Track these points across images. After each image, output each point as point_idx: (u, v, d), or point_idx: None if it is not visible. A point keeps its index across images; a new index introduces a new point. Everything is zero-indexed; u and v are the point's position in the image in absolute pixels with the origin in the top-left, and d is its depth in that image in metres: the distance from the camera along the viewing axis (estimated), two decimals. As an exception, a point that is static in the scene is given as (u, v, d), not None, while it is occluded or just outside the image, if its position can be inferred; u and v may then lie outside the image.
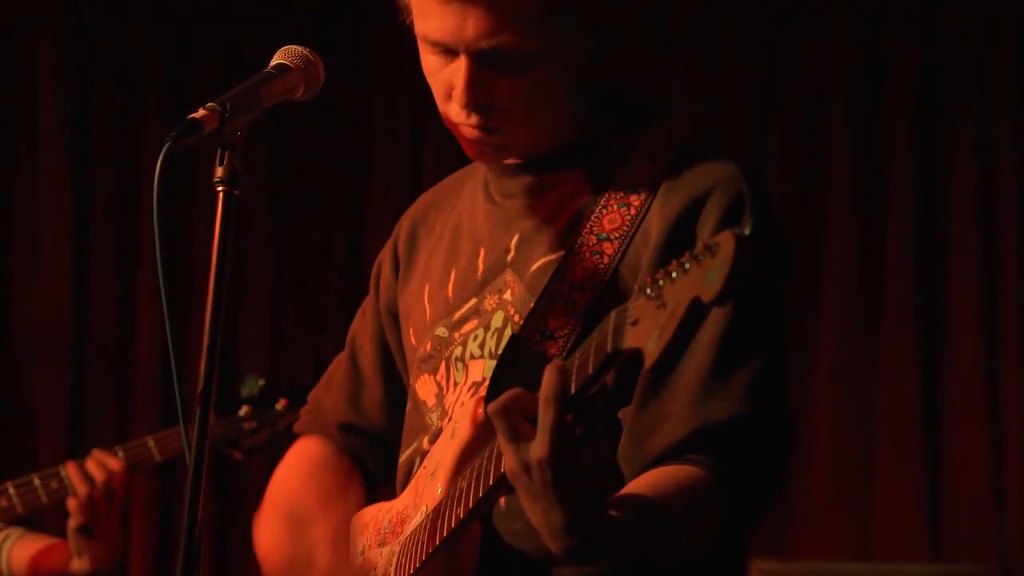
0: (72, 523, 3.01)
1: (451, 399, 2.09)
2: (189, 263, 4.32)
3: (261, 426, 3.20)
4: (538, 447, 1.68)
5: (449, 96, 2.01)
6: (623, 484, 1.89)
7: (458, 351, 2.09)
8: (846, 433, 4.46)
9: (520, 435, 1.70)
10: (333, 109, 4.49)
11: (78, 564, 3.00)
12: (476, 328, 2.08)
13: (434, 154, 4.37)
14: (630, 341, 1.63)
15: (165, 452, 3.16)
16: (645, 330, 1.61)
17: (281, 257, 4.57)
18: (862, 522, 4.44)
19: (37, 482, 3.01)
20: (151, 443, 3.13)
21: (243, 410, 3.20)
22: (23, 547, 3.04)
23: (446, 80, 2.00)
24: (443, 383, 2.11)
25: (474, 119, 2.01)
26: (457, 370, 2.09)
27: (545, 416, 1.68)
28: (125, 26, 4.47)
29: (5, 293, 4.33)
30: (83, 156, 4.43)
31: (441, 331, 2.13)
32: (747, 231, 1.55)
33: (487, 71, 1.97)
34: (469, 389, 2.06)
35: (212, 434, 3.11)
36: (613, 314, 1.68)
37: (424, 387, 2.14)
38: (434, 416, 2.12)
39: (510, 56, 1.96)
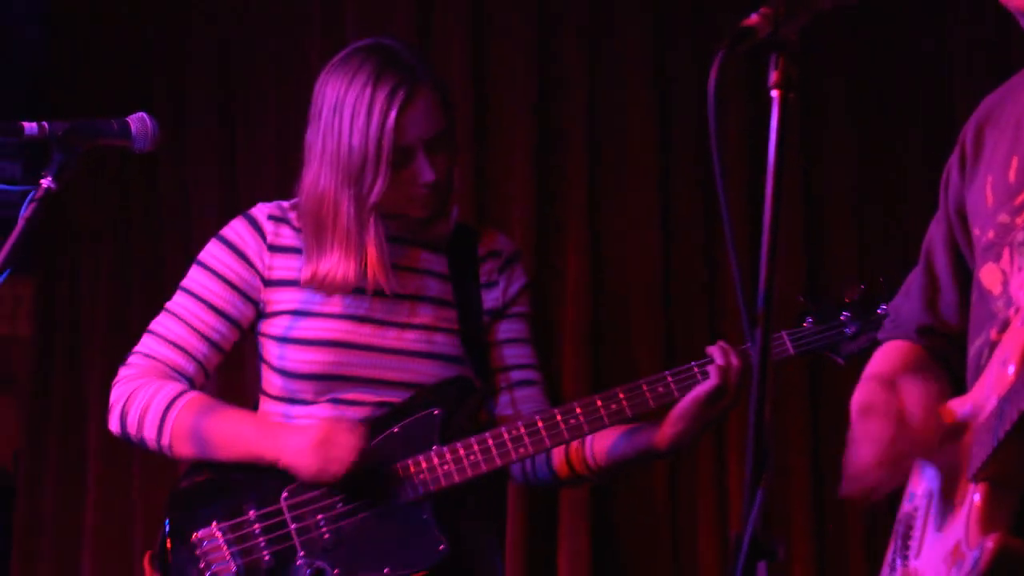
0: (706, 387, 3.04)
1: (1016, 284, 2.08)
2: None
3: (861, 331, 3.19)
4: None
5: None
6: None
7: (1021, 236, 2.07)
8: None
9: None
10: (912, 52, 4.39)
11: (671, 432, 3.07)
12: None
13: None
14: None
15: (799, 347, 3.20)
16: None
17: (862, 166, 4.50)
18: None
19: (696, 369, 3.13)
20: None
21: (843, 315, 3.22)
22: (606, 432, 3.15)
23: None
24: (1007, 269, 2.09)
25: None
26: (1021, 255, 2.07)
27: None
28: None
29: (597, 243, 4.47)
30: (667, 95, 4.48)
31: (1003, 217, 2.11)
32: None
33: None
34: None
35: (814, 341, 3.18)
36: None
37: (989, 275, 2.13)
38: (1000, 304, 2.10)
39: None
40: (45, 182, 2.69)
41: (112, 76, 5.08)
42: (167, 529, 3.00)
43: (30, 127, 2.69)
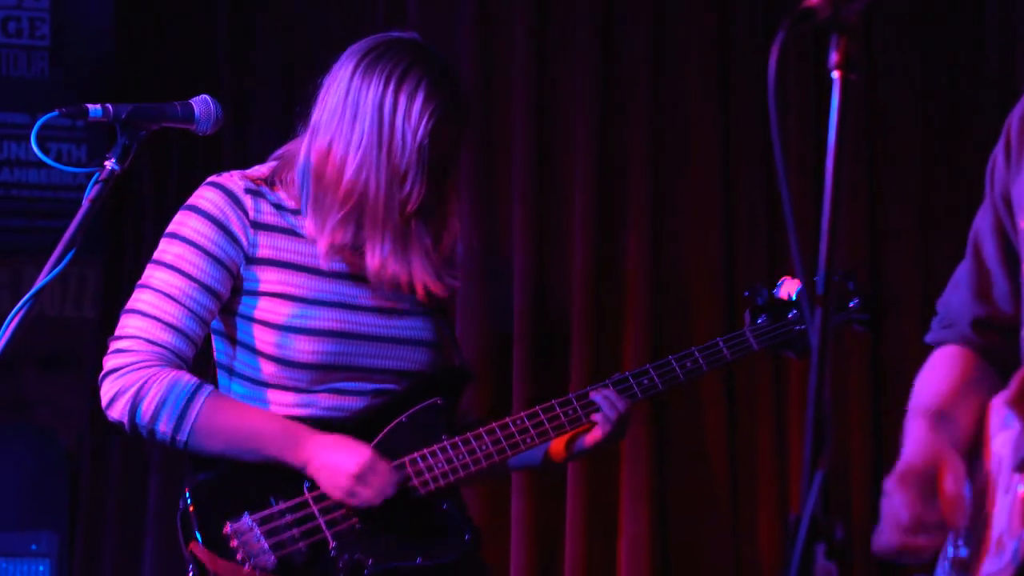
0: (598, 435, 3.18)
1: None
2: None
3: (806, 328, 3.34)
4: None
5: None
6: None
7: None
8: None
9: None
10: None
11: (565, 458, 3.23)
12: None
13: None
14: None
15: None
16: None
17: (926, 167, 4.46)
18: None
19: (721, 344, 3.23)
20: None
21: (791, 313, 3.26)
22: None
23: None
24: None
25: None
26: None
27: None
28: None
29: (659, 227, 4.45)
30: (725, 90, 4.46)
31: None
32: None
33: None
34: None
35: (774, 336, 3.24)
36: None
37: None
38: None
39: None
40: (109, 164, 2.70)
41: (179, 61, 5.13)
42: (196, 522, 2.94)
43: (94, 109, 2.71)
